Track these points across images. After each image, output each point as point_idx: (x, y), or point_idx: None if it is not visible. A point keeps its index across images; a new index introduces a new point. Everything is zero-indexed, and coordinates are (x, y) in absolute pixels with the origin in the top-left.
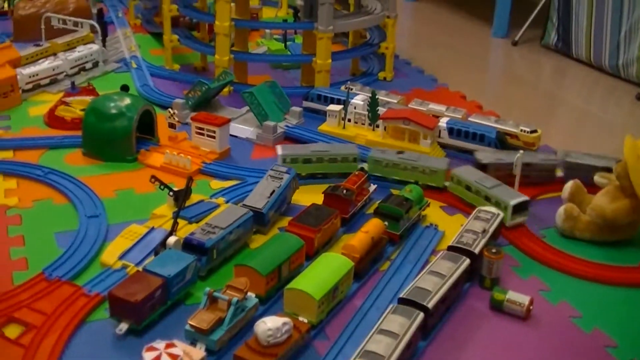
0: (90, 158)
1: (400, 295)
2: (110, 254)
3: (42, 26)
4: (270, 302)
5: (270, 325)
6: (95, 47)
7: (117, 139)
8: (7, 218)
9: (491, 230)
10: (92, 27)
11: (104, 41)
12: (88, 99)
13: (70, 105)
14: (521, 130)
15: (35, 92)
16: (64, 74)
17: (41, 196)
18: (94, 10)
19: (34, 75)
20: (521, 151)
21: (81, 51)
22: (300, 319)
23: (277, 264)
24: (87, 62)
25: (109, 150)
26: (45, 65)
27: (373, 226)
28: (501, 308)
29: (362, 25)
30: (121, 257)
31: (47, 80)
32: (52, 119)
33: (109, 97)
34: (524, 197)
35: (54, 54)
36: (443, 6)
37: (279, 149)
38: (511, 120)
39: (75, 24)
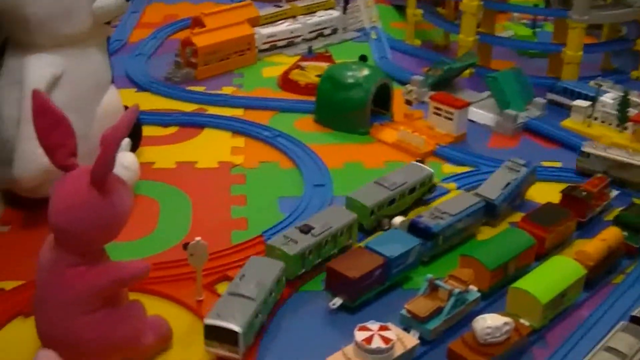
0: (321, 126)
1: (633, 313)
2: None
3: None
4: (492, 298)
5: (490, 323)
6: (335, 13)
7: (351, 109)
8: (231, 176)
9: None
10: None
11: (345, 9)
12: (324, 65)
13: (305, 70)
14: None
15: (271, 53)
16: (302, 37)
17: (267, 158)
18: None
19: (271, 36)
20: None
21: (321, 16)
22: (522, 321)
23: (504, 260)
24: (325, 28)
25: (342, 120)
26: (283, 27)
27: (611, 235)
28: None
29: (620, 18)
30: None
31: (284, 42)
32: (286, 82)
33: (347, 66)
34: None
35: (293, 17)
36: None
37: None
38: None
39: None
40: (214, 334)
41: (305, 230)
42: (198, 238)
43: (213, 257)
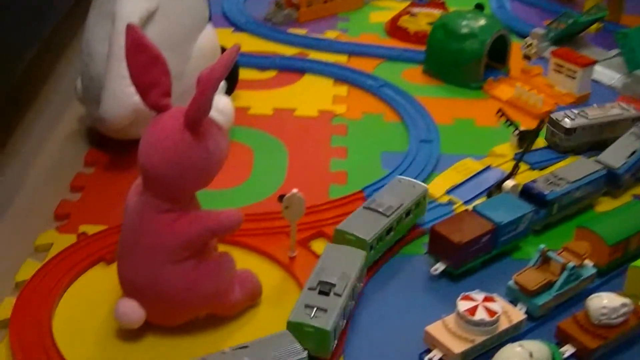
0: (431, 77)
1: None
2: (438, 186)
3: None
4: (609, 276)
5: (606, 302)
6: None
7: (464, 62)
8: (332, 126)
9: None
10: None
11: None
12: (436, 12)
13: (416, 17)
14: None
15: None
16: None
17: (371, 109)
18: None
19: None
20: None
21: None
22: None
23: (626, 235)
24: None
25: (454, 72)
26: None
27: None
28: None
29: None
30: (449, 192)
31: None
32: (394, 29)
33: (462, 15)
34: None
35: None
36: None
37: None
38: None
39: None
40: None
41: (327, 290)
42: (295, 190)
43: (309, 212)
